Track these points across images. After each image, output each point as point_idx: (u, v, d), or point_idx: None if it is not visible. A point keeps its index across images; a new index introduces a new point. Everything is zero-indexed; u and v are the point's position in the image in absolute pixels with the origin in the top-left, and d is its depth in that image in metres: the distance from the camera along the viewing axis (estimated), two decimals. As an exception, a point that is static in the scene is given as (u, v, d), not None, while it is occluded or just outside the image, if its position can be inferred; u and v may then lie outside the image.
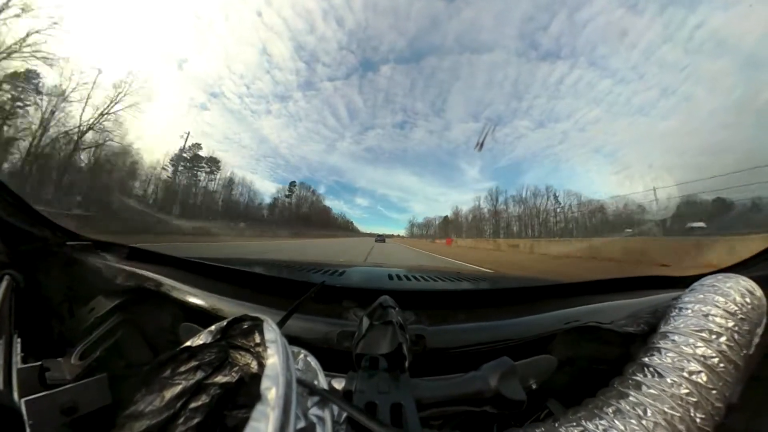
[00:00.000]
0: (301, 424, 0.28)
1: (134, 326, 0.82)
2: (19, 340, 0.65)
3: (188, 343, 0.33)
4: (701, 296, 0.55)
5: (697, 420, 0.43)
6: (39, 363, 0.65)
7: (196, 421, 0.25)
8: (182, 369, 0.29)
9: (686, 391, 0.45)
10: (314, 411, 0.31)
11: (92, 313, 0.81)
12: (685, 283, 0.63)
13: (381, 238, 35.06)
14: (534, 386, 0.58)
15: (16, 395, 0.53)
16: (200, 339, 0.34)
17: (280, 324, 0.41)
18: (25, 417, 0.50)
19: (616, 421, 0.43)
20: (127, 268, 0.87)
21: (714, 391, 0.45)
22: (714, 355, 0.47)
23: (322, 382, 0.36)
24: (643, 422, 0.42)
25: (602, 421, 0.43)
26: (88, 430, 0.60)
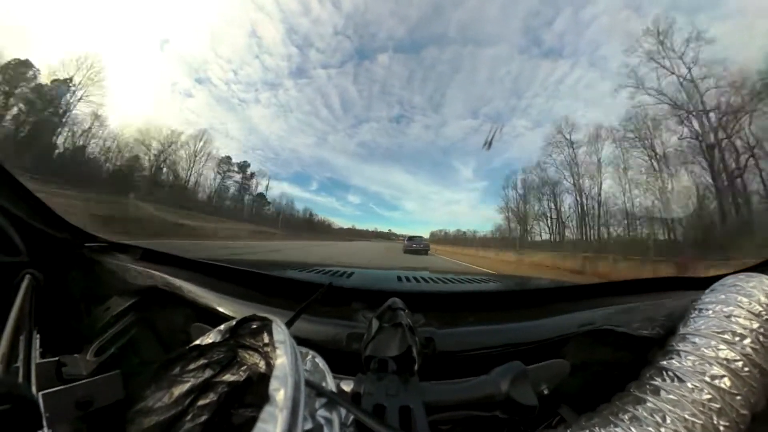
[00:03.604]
0: (309, 425, 0.28)
1: (147, 325, 0.83)
2: (38, 336, 0.67)
3: (197, 342, 0.33)
4: (722, 296, 0.52)
5: (721, 428, 0.41)
6: (56, 359, 0.67)
7: (203, 418, 0.25)
8: (191, 367, 0.29)
9: (708, 396, 0.42)
10: (322, 412, 0.31)
11: (108, 312, 0.83)
12: (704, 284, 0.61)
13: (418, 244, 17.11)
14: (546, 391, 0.57)
15: (34, 389, 0.55)
16: (209, 338, 0.35)
17: (288, 324, 0.41)
18: (43, 410, 0.51)
19: (633, 429, 0.41)
20: (141, 269, 0.89)
21: (738, 397, 0.43)
22: (738, 358, 0.45)
23: (330, 383, 0.36)
24: (662, 430, 0.40)
25: (617, 429, 0.42)
26: (102, 424, 0.62)
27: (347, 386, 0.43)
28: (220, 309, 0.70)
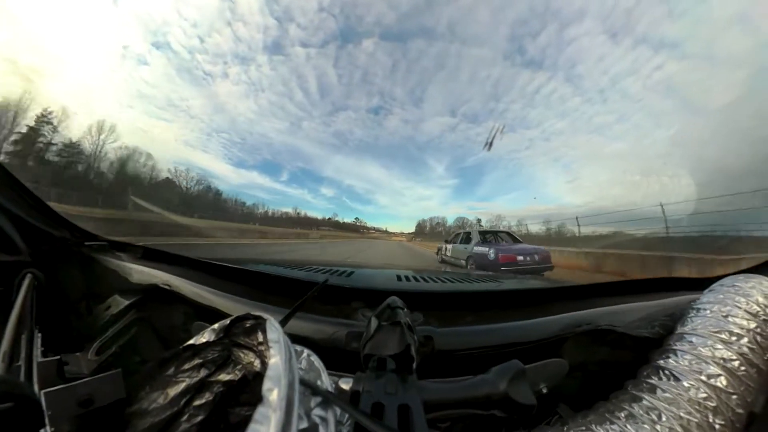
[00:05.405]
0: (304, 424, 0.28)
1: (148, 324, 0.84)
2: (39, 335, 0.67)
3: (191, 341, 0.33)
4: (721, 296, 0.52)
5: (716, 426, 0.41)
6: (58, 357, 0.67)
7: (199, 418, 0.25)
8: (186, 367, 0.29)
9: (704, 395, 0.42)
10: (317, 411, 0.31)
11: (108, 310, 0.84)
12: (703, 285, 0.61)
13: (528, 255, 5.72)
14: (544, 390, 0.57)
15: (36, 387, 0.55)
16: (204, 337, 0.35)
17: (283, 323, 0.41)
18: (44, 408, 0.52)
19: (629, 426, 0.41)
20: (141, 267, 0.89)
21: (735, 396, 0.43)
22: (735, 357, 0.45)
23: (325, 382, 0.36)
24: (657, 427, 0.40)
25: (613, 426, 0.42)
26: (103, 422, 0.62)
27: (346, 384, 0.43)
28: (220, 307, 0.70)
